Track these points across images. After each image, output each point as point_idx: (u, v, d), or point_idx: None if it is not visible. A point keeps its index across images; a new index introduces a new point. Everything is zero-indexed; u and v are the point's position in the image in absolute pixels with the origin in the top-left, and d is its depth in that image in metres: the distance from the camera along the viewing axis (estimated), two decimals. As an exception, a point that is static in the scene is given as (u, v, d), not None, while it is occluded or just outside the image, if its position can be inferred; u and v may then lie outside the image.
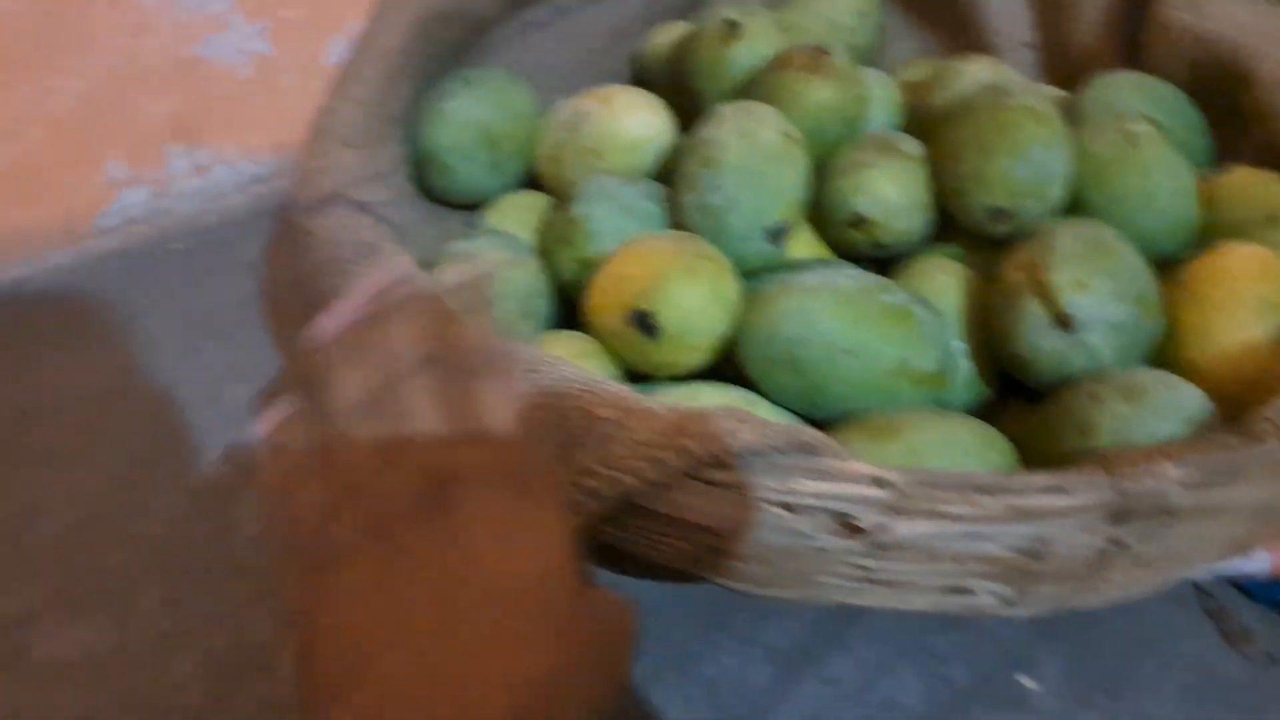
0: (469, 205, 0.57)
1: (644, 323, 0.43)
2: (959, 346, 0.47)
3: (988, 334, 0.46)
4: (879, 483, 0.33)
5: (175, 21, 0.67)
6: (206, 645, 0.48)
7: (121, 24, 0.65)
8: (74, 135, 0.67)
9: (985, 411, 0.47)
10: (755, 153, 0.48)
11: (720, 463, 0.33)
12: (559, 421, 0.36)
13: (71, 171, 0.68)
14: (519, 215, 0.54)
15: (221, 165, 0.73)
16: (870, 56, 0.65)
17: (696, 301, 0.43)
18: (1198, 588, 0.50)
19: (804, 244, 0.52)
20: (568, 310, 0.51)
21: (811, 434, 0.34)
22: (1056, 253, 0.43)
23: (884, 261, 0.53)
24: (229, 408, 0.59)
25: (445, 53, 0.55)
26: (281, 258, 0.69)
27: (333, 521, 0.29)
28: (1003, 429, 0.46)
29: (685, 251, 0.44)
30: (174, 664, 0.48)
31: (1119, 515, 0.33)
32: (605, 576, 0.50)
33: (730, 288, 0.44)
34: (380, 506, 0.29)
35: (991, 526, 0.33)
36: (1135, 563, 0.36)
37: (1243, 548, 0.39)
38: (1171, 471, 0.33)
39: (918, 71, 0.62)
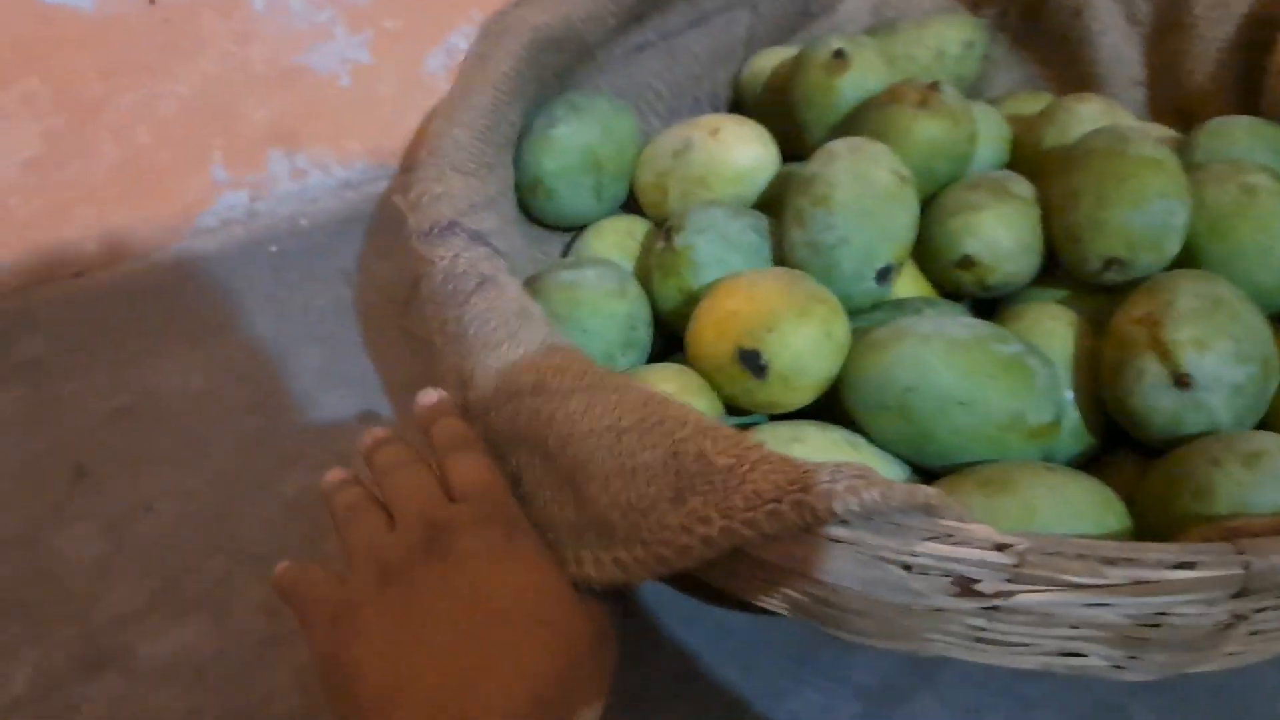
0: (569, 228, 0.57)
1: (753, 362, 0.43)
2: (1067, 396, 0.46)
3: (1097, 385, 0.46)
4: (1003, 548, 0.33)
5: (282, 30, 0.68)
6: (300, 657, 0.49)
7: (231, 32, 0.67)
8: (180, 138, 0.69)
9: (1090, 462, 0.47)
10: (869, 192, 0.47)
11: (839, 521, 0.33)
12: (672, 463, 0.36)
13: (176, 173, 0.70)
14: (618, 240, 0.54)
15: (317, 170, 0.75)
16: (974, 88, 0.64)
17: (807, 344, 0.43)
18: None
19: (907, 280, 0.52)
20: (665, 339, 0.51)
21: (932, 494, 0.34)
22: (1176, 309, 0.43)
23: (987, 302, 0.53)
24: (324, 412, 0.60)
25: (551, 77, 0.55)
26: (376, 266, 0.71)
27: (343, 582, 0.37)
28: (1109, 482, 0.46)
29: (797, 291, 0.44)
30: (269, 672, 0.49)
31: (1243, 590, 0.33)
32: (691, 604, 0.50)
33: (841, 329, 0.44)
34: (389, 557, 0.36)
35: (1114, 597, 0.33)
36: (1252, 633, 0.35)
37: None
38: (1301, 550, 0.32)
39: (1025, 106, 0.62)
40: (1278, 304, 0.48)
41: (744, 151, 0.54)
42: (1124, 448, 0.46)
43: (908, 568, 0.34)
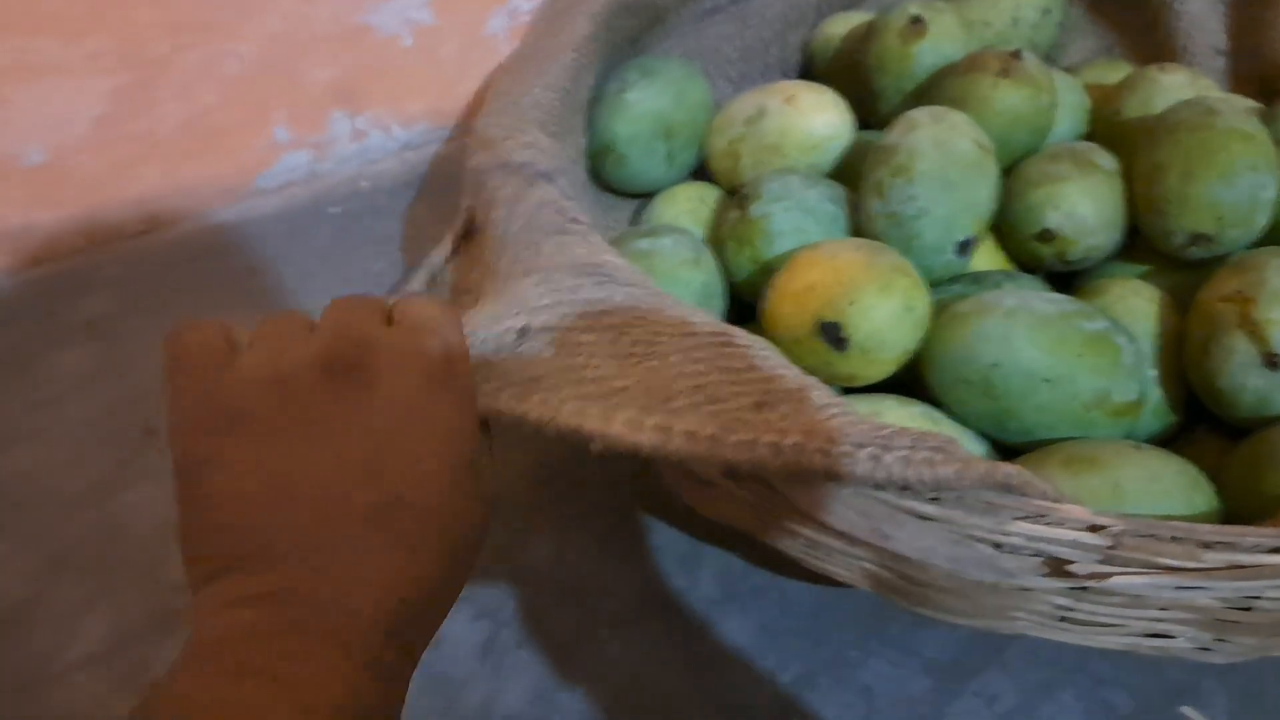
0: (639, 194, 0.57)
1: (833, 334, 0.43)
2: (1150, 374, 0.45)
3: (1181, 363, 0.45)
4: (1097, 529, 0.32)
5: (346, -11, 0.68)
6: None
7: (295, -10, 0.66)
8: (243, 97, 0.68)
9: (1172, 440, 0.46)
10: (950, 163, 0.47)
11: (930, 495, 0.33)
12: (764, 384, 0.35)
13: (239, 133, 0.70)
14: (690, 208, 0.54)
15: (378, 131, 0.74)
16: (1050, 55, 0.63)
17: (889, 317, 0.43)
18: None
19: (984, 252, 0.51)
20: (738, 309, 0.51)
21: (1014, 473, 0.33)
22: (1268, 286, 0.42)
23: (1064, 276, 0.52)
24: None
25: (623, 41, 0.55)
26: (435, 229, 0.70)
27: (237, 380, 0.30)
28: (1198, 457, 0.45)
29: (878, 264, 0.44)
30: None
31: (1343, 578, 0.32)
32: (759, 576, 0.50)
33: (922, 303, 0.44)
34: (289, 365, 0.30)
35: (1208, 581, 0.32)
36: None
37: None
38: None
39: (1103, 74, 0.60)
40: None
41: (820, 119, 0.53)
42: (1205, 425, 0.46)
43: (998, 546, 0.33)
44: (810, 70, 0.64)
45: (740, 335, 0.36)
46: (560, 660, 0.48)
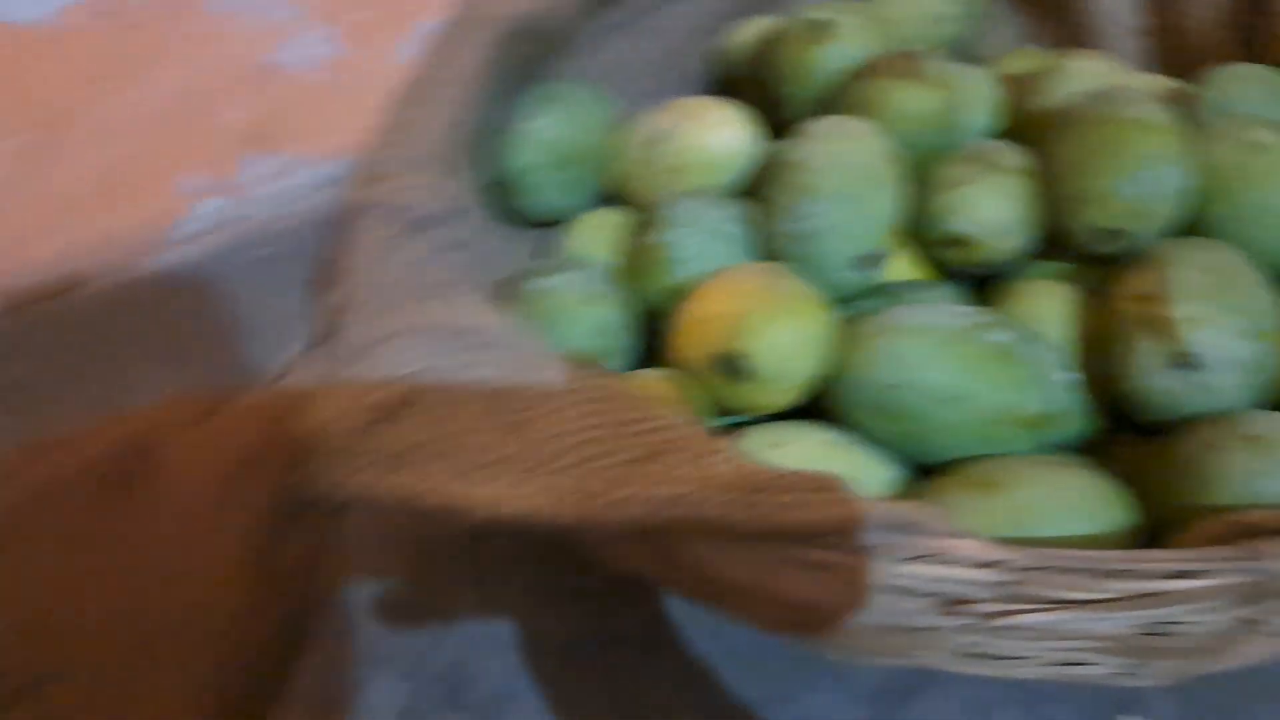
0: (548, 224, 0.55)
1: (734, 366, 0.42)
2: (1068, 378, 0.44)
3: (1099, 365, 0.44)
4: (992, 565, 0.31)
5: (246, 30, 0.66)
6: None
7: (195, 35, 0.65)
8: (153, 147, 0.67)
9: (1096, 445, 0.45)
10: (849, 176, 0.45)
11: (814, 540, 0.32)
12: (647, 436, 0.34)
13: (152, 183, 0.69)
14: (600, 234, 0.52)
15: (299, 168, 0.73)
16: (971, 46, 0.61)
17: (787, 345, 0.41)
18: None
19: (902, 261, 0.50)
20: (655, 338, 0.50)
21: (910, 510, 0.32)
22: (1174, 284, 0.40)
23: (986, 278, 0.50)
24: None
25: (521, 67, 0.53)
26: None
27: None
28: (1116, 464, 0.44)
29: (775, 289, 0.42)
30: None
31: (1251, 596, 0.31)
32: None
33: (823, 326, 0.42)
34: (64, 485, 0.28)
35: (1114, 611, 0.31)
36: (1268, 635, 0.34)
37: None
38: (1311, 549, 0.30)
39: (1022, 64, 0.59)
40: (1288, 267, 0.45)
41: (722, 136, 0.51)
42: (1132, 428, 0.44)
43: (893, 591, 0.32)
44: (724, 79, 0.63)
45: (624, 387, 0.35)
46: (489, 715, 0.46)
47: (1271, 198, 0.44)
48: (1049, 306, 0.45)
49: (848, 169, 0.45)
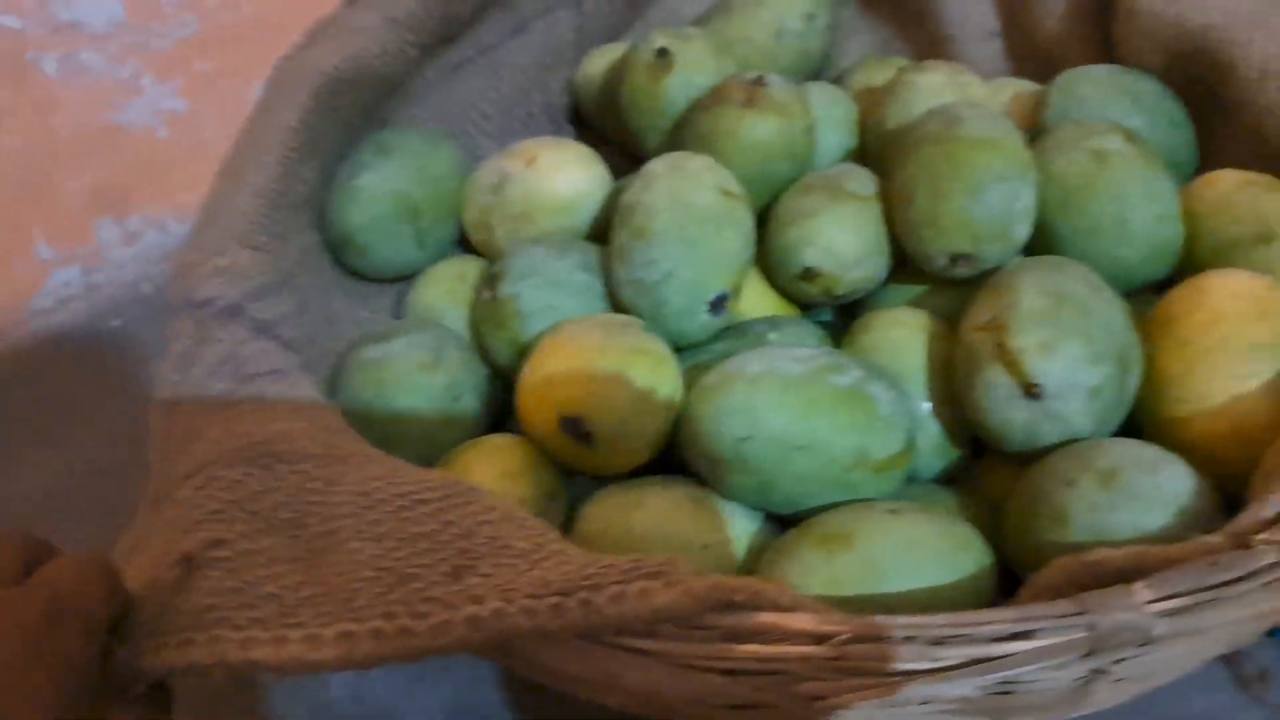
0: (398, 278, 0.53)
1: (577, 429, 0.40)
2: (925, 408, 0.43)
3: (956, 395, 0.42)
4: (824, 640, 0.30)
5: (84, 93, 0.63)
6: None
7: (30, 102, 0.62)
8: (4, 216, 0.64)
9: (961, 474, 0.44)
10: (690, 218, 0.43)
11: (635, 629, 0.30)
12: (460, 541, 0.32)
13: (8, 253, 0.65)
14: (450, 288, 0.50)
15: (153, 230, 0.70)
16: (822, 60, 0.60)
17: (630, 404, 0.40)
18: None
19: (756, 295, 0.49)
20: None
21: (742, 586, 0.30)
22: (1019, 310, 0.39)
23: (846, 307, 0.49)
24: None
25: (355, 118, 0.51)
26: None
27: None
28: (983, 491, 0.43)
29: (615, 346, 0.40)
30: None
31: (1092, 650, 0.30)
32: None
33: (667, 382, 0.41)
34: None
35: (949, 680, 0.30)
36: (1118, 682, 0.32)
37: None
38: (1145, 598, 0.29)
39: (875, 75, 0.58)
40: (1140, 278, 0.44)
41: (563, 179, 0.50)
42: (995, 454, 0.43)
43: (729, 673, 0.30)
44: (578, 111, 0.61)
45: (431, 484, 0.33)
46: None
47: (1115, 209, 0.44)
48: (907, 335, 0.44)
49: (688, 211, 0.44)
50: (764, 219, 0.49)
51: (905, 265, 0.48)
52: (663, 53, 0.52)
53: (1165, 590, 0.29)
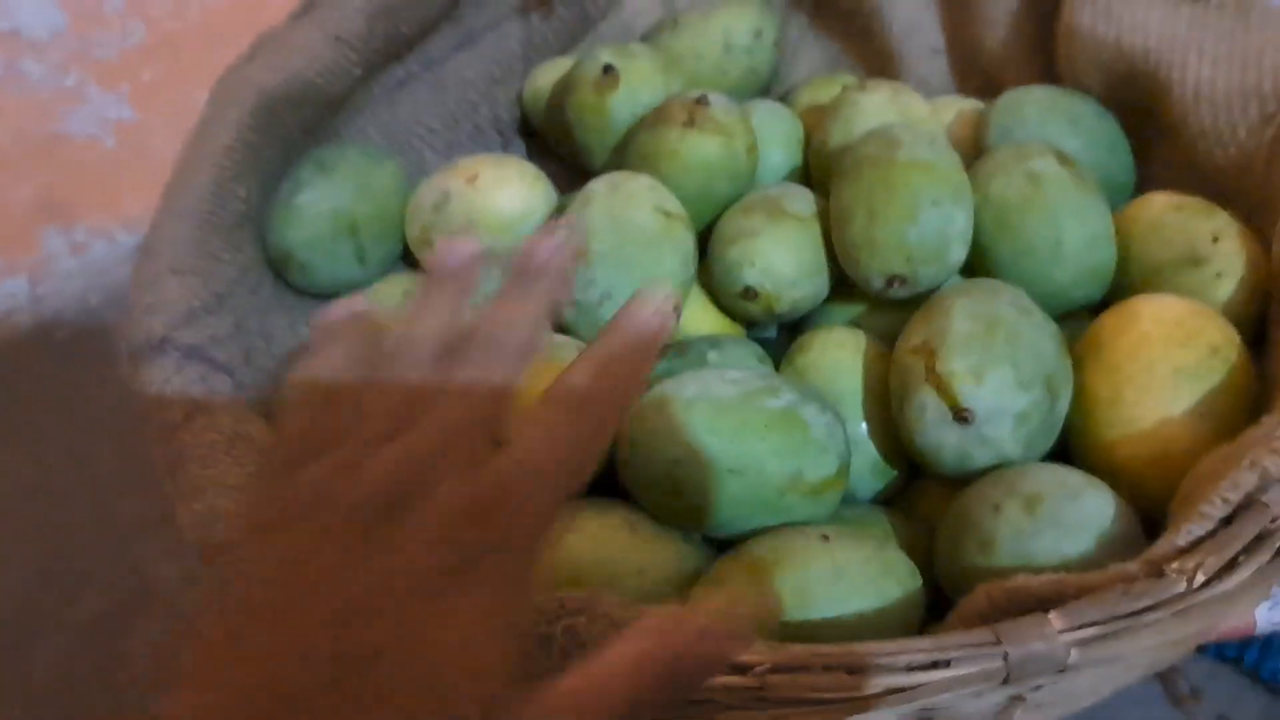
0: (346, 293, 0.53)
1: (510, 453, 0.40)
2: (861, 429, 0.43)
3: (891, 417, 0.43)
4: (744, 669, 0.30)
5: (26, 101, 0.62)
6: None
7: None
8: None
9: (898, 494, 0.44)
10: (629, 238, 0.44)
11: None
12: None
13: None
14: (395, 304, 0.50)
15: (100, 240, 0.69)
16: (771, 76, 0.61)
17: (563, 427, 0.40)
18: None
19: (701, 313, 0.49)
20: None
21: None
22: (950, 335, 0.40)
23: (791, 324, 0.50)
24: (123, 526, 0.56)
25: (297, 134, 0.51)
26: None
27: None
28: (920, 509, 0.43)
29: (553, 369, 0.40)
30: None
31: (1009, 679, 0.30)
32: None
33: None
34: (322, 498, 0.24)
35: (875, 706, 0.30)
36: (1039, 707, 0.33)
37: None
38: (1059, 627, 0.30)
39: (822, 92, 0.58)
40: (1073, 301, 0.45)
41: (505, 196, 0.49)
42: (932, 475, 0.43)
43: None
44: (528, 126, 0.61)
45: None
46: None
47: (1048, 232, 0.44)
48: (844, 357, 0.44)
49: (626, 231, 0.44)
50: (707, 237, 0.49)
51: (847, 284, 0.48)
52: (608, 70, 0.52)
53: (1078, 620, 0.30)
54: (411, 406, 0.26)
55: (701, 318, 0.49)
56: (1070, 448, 0.41)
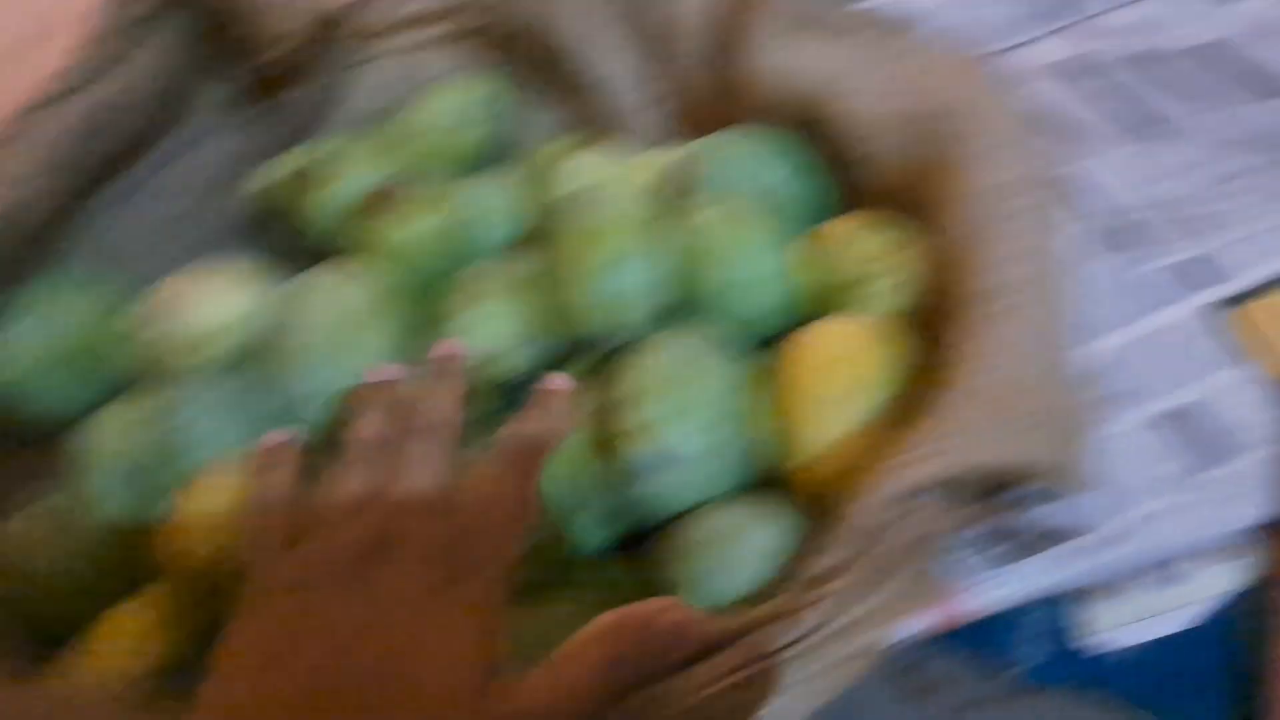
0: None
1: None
2: (581, 485, 0.44)
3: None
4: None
5: None
6: None
7: None
8: None
9: (630, 542, 0.46)
10: (329, 332, 0.44)
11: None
12: None
13: None
14: (121, 429, 0.49)
15: None
16: (510, 142, 0.62)
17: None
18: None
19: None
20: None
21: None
22: (637, 388, 0.41)
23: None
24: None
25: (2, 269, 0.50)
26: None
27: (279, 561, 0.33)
28: (643, 561, 0.45)
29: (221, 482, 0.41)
30: None
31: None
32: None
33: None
34: (321, 558, 0.33)
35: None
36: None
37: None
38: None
39: (549, 156, 0.59)
40: (765, 333, 0.47)
41: (214, 306, 0.47)
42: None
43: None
44: (257, 226, 0.61)
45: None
46: None
47: (741, 272, 0.46)
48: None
49: (328, 325, 0.45)
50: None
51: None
52: (313, 170, 0.53)
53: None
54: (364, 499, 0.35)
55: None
56: (767, 479, 0.43)
